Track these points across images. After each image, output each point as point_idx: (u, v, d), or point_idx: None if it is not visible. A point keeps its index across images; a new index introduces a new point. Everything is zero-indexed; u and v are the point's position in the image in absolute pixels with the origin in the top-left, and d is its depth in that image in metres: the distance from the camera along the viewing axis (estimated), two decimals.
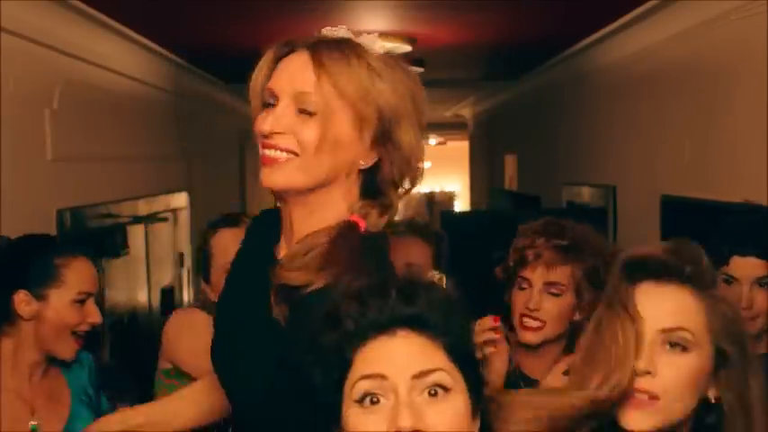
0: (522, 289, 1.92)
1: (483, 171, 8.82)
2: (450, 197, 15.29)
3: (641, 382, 1.19)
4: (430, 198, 15.09)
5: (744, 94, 2.85)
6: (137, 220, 4.08)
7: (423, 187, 15.33)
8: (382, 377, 1.05)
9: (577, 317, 1.88)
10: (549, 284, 1.88)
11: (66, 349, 1.83)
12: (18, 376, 1.82)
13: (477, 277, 2.05)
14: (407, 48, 4.24)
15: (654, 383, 1.19)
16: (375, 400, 1.05)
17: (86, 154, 3.38)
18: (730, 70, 2.97)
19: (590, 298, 1.82)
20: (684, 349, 1.21)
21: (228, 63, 4.93)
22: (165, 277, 4.64)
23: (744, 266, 1.93)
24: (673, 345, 1.21)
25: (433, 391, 1.04)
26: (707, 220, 3.22)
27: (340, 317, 1.10)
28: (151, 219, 4.31)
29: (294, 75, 1.29)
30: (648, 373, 1.19)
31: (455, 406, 1.05)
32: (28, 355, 1.82)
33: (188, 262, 5.05)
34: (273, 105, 1.29)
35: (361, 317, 1.09)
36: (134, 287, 4.11)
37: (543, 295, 1.89)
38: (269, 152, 1.30)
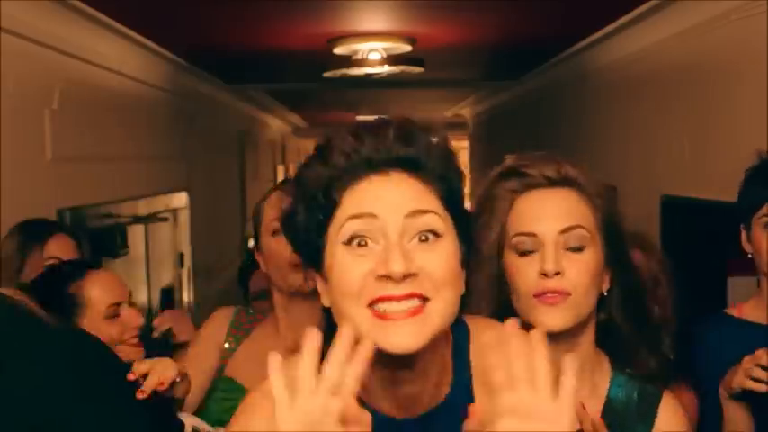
0: None
1: (483, 171, 8.80)
2: None
3: (552, 283, 1.26)
4: None
5: (744, 94, 2.85)
6: (137, 220, 4.07)
7: None
8: (372, 216, 0.97)
9: None
10: None
11: (132, 355, 1.76)
12: None
13: None
14: (407, 48, 4.24)
15: (563, 282, 1.26)
16: (363, 242, 0.97)
17: (86, 154, 3.38)
18: (730, 70, 2.97)
19: None
20: (583, 247, 1.28)
21: (228, 63, 4.94)
22: (164, 277, 4.64)
23: None
24: (573, 245, 1.28)
25: (424, 237, 0.98)
26: (707, 220, 3.22)
27: (331, 151, 1.02)
28: (151, 219, 4.30)
29: None
30: (558, 273, 1.26)
31: (447, 250, 0.99)
32: None
33: (188, 262, 5.05)
34: None
35: (354, 153, 1.00)
36: (134, 287, 4.09)
37: None
38: None
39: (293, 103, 8.67)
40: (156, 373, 1.46)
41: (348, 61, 4.43)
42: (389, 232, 0.97)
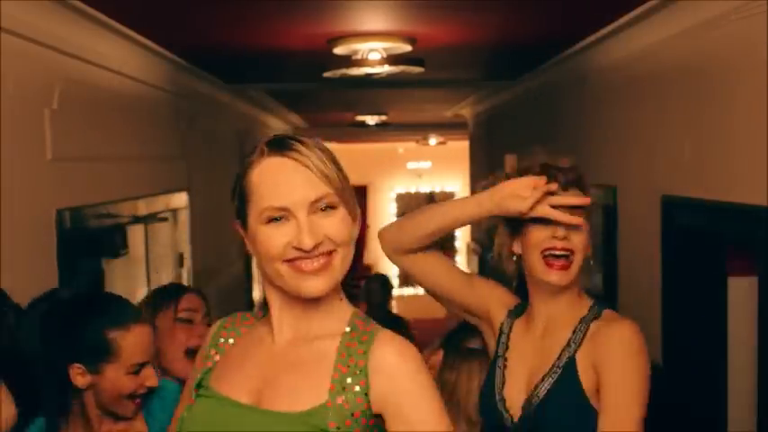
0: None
1: (483, 171, 8.81)
2: (450, 197, 15.28)
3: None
4: (430, 198, 15.10)
5: (744, 94, 2.85)
6: (137, 220, 4.07)
7: (423, 187, 15.33)
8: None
9: None
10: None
11: (126, 411, 1.87)
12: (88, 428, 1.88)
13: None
14: (407, 48, 4.24)
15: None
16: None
17: (86, 154, 3.38)
18: (730, 70, 2.97)
19: None
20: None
21: (228, 63, 4.94)
22: (164, 277, 4.64)
23: None
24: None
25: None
26: (707, 220, 3.22)
27: None
28: (151, 219, 4.30)
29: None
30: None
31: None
32: (92, 413, 1.86)
33: (188, 262, 5.05)
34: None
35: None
36: (134, 287, 4.11)
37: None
38: None
39: (293, 103, 8.66)
40: None
41: (348, 61, 4.43)
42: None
